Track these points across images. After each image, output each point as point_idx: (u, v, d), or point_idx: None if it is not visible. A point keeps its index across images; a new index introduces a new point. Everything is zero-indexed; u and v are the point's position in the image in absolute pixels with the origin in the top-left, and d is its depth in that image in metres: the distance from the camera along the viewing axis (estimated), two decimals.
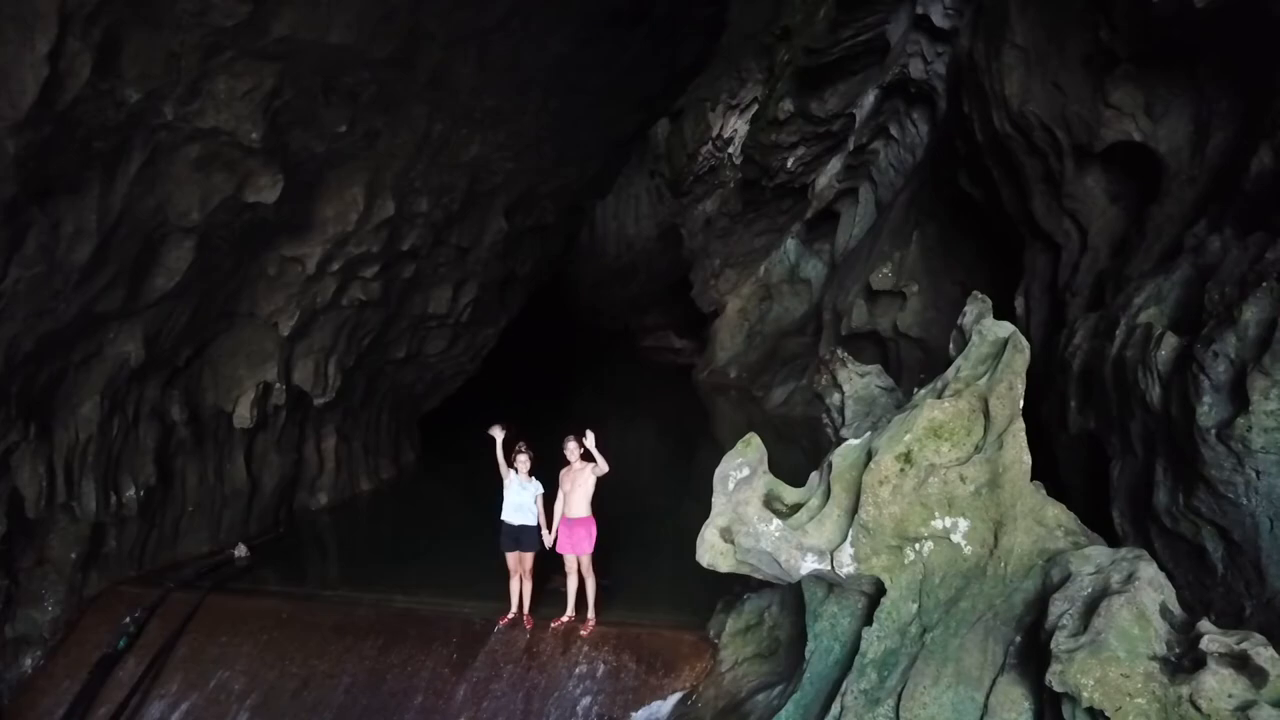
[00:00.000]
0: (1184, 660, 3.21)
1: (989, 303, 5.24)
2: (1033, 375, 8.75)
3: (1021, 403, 4.46)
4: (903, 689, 4.37)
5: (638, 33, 11.40)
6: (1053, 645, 3.39)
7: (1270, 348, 4.36)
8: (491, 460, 7.58)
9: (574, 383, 27.57)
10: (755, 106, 23.14)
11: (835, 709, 4.80)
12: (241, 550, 10.00)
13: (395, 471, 14.41)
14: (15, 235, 6.24)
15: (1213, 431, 4.65)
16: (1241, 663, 3.13)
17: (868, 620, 4.97)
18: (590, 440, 7.22)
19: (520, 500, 7.51)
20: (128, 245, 7.15)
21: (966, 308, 5.28)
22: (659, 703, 7.11)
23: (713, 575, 7.74)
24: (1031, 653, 3.72)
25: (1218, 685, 3.02)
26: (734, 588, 7.59)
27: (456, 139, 10.31)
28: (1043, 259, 9.68)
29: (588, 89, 11.67)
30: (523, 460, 7.50)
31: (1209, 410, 4.71)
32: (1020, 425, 4.44)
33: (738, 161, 23.73)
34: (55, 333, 7.15)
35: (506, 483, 7.52)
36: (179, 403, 9.20)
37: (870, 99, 18.87)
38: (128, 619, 8.44)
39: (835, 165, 21.30)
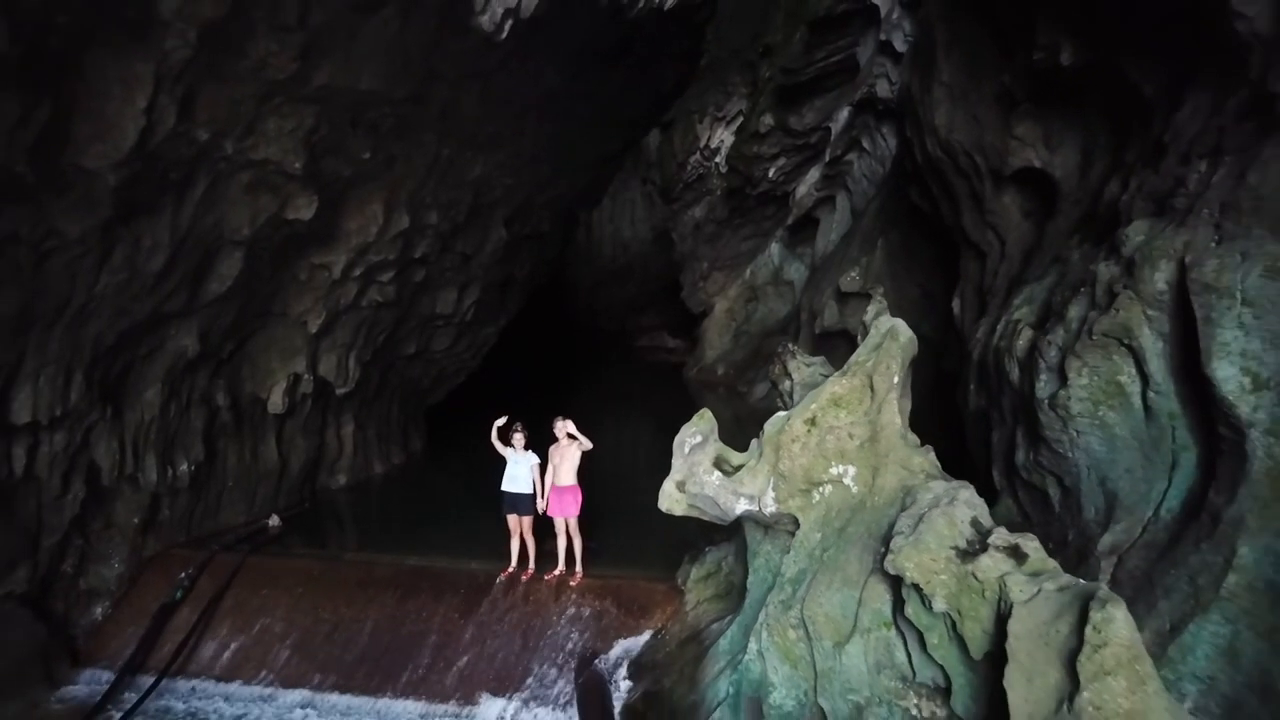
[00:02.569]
0: (977, 551, 4.62)
1: (884, 303, 6.66)
2: (954, 365, 10.18)
3: (897, 379, 5.87)
4: (806, 595, 5.79)
5: (621, 66, 12.84)
6: (891, 545, 4.81)
7: (1081, 338, 5.79)
8: (489, 448, 8.87)
9: (573, 380, 28.66)
10: (740, 119, 24.48)
11: (761, 617, 6.22)
12: (274, 520, 11.35)
13: (405, 458, 15.79)
14: (106, 249, 7.67)
15: (1046, 401, 6.09)
16: (1013, 550, 4.53)
17: (789, 551, 6.39)
18: (571, 425, 8.63)
19: (516, 471, 8.80)
20: (191, 256, 8.58)
21: (869, 307, 6.70)
22: (635, 638, 8.42)
23: (683, 536, 9.25)
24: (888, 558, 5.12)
25: (991, 563, 4.42)
26: (699, 544, 8.98)
27: (462, 160, 11.74)
28: (973, 265, 11.09)
29: (578, 114, 13.09)
30: (518, 437, 8.85)
31: (1044, 385, 6.14)
32: (894, 395, 5.85)
33: (724, 170, 25.07)
34: (130, 329, 8.57)
35: (507, 456, 8.87)
36: (223, 390, 10.61)
37: (844, 114, 20.29)
38: (182, 575, 9.71)
39: (814, 175, 22.70)
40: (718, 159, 25.57)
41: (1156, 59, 6.67)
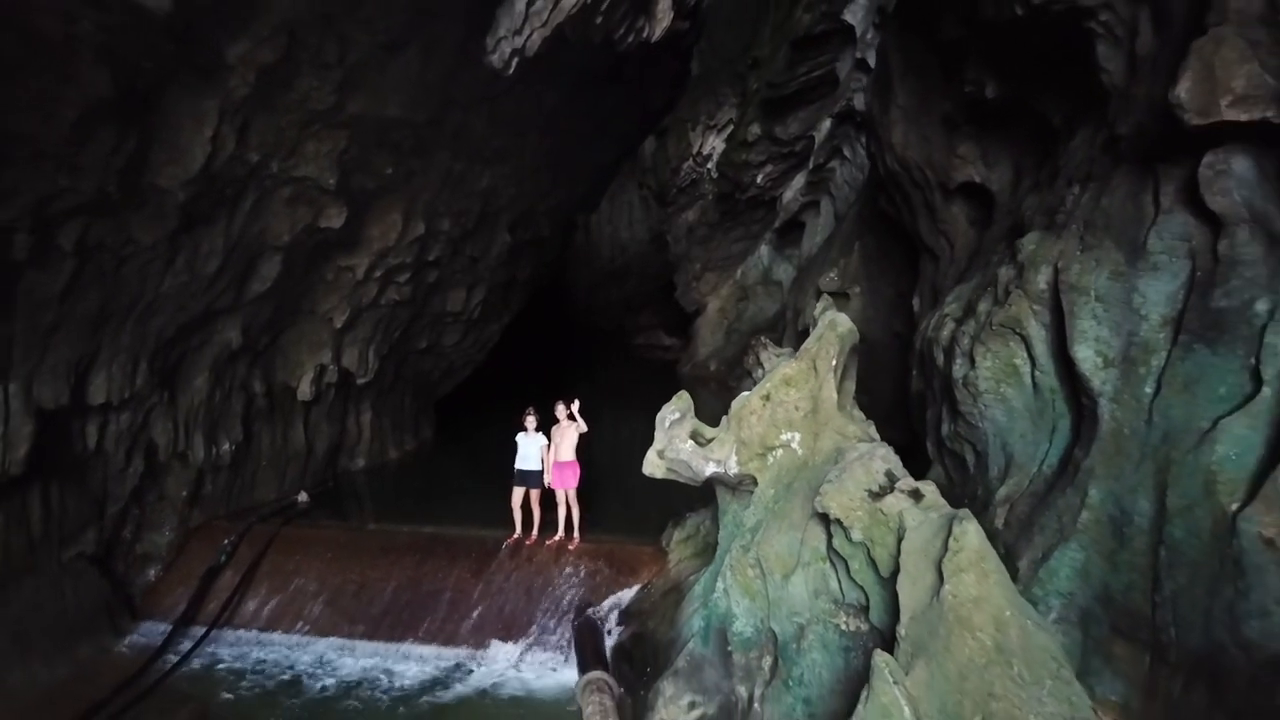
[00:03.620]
0: (886, 492, 5.89)
1: (831, 300, 7.92)
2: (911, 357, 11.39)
3: (835, 361, 7.15)
4: (761, 540, 7.07)
5: (614, 87, 14.13)
6: (820, 489, 6.09)
7: (986, 328, 7.08)
8: (492, 442, 10.12)
9: (573, 377, 29.68)
10: (730, 127, 25.72)
11: (725, 561, 7.50)
12: (303, 496, 12.57)
13: (416, 445, 17.02)
14: (171, 255, 8.95)
15: (961, 381, 7.38)
16: (914, 493, 5.81)
17: (749, 506, 7.67)
18: (575, 406, 9.91)
19: (528, 451, 10.07)
20: (239, 260, 9.86)
21: (818, 303, 7.97)
22: (624, 592, 9.63)
23: (668, 506, 10.49)
24: None
25: (894, 502, 5.70)
26: (682, 512, 10.25)
27: (471, 173, 13.03)
28: (929, 267, 12.36)
29: (576, 131, 14.38)
30: (530, 420, 10.12)
31: (959, 367, 7.43)
32: (833, 375, 7.12)
33: (715, 176, 26.30)
34: (186, 324, 9.84)
35: (520, 441, 10.08)
36: (259, 379, 11.88)
37: (826, 125, 21.54)
38: (225, 542, 10.91)
39: (799, 181, 23.91)
40: (709, 165, 26.77)
41: (1059, 96, 7.95)
